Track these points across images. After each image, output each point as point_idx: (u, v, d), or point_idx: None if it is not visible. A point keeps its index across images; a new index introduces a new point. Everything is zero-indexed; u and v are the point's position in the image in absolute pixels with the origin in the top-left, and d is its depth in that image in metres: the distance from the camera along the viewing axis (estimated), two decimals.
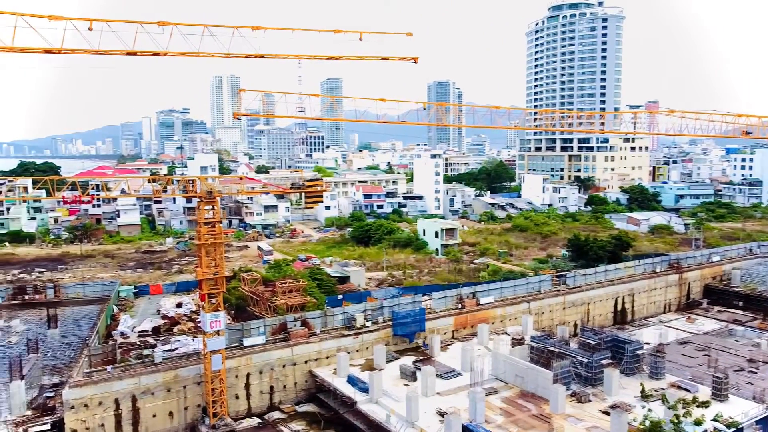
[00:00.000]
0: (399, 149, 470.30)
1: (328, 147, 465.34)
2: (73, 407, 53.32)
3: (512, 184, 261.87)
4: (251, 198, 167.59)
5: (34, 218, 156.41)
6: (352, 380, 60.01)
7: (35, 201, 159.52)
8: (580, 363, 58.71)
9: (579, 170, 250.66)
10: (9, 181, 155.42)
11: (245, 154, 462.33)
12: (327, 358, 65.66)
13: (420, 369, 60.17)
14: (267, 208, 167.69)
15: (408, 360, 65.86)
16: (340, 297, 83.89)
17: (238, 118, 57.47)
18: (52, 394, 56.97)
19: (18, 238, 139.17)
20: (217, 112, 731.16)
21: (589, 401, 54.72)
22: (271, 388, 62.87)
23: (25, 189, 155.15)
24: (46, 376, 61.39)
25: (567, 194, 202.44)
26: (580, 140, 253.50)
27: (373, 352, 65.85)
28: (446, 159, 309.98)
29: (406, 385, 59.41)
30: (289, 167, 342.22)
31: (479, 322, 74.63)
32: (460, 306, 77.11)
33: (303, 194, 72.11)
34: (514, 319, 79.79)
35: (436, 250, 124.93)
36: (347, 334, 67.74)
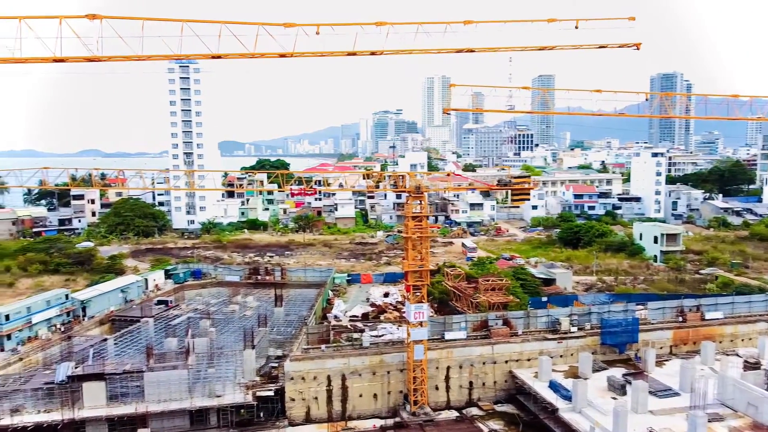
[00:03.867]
0: (615, 147, 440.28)
1: (537, 145, 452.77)
2: (292, 378, 59.09)
3: (751, 186, 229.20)
4: (457, 195, 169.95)
5: (267, 209, 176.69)
6: (554, 386, 57.61)
7: (269, 193, 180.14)
8: None
9: None
10: (249, 175, 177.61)
11: (453, 153, 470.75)
12: (528, 360, 63.87)
13: (630, 383, 55.58)
14: (472, 205, 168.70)
15: (617, 372, 61.27)
16: (544, 299, 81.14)
17: (447, 113, 58.51)
18: (276, 365, 63.70)
19: (254, 225, 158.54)
20: (428, 113, 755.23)
21: None
22: (470, 383, 63.02)
23: (261, 183, 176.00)
24: (271, 348, 68.84)
25: None
26: None
27: (578, 359, 62.46)
28: (670, 158, 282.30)
29: (614, 398, 55.33)
30: (496, 166, 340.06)
31: (703, 339, 66.56)
32: (680, 319, 69.62)
33: (509, 192, 71.12)
34: (748, 339, 69.77)
35: (655, 256, 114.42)
36: (551, 338, 65.21)
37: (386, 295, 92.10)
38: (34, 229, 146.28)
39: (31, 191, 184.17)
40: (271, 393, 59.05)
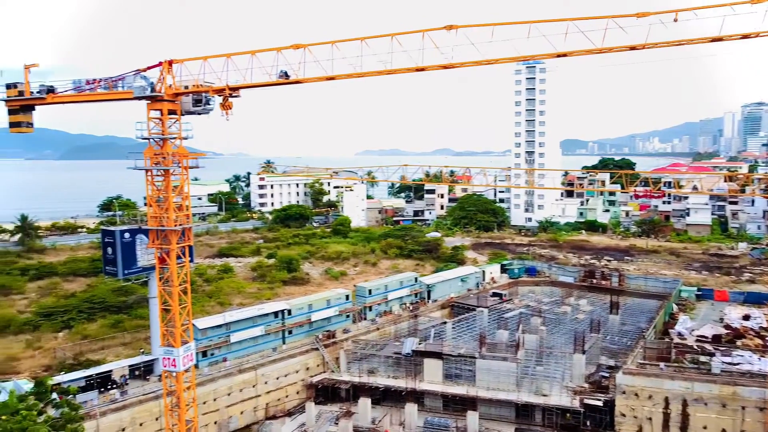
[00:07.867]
0: None
1: None
2: (624, 392, 55.47)
3: None
4: None
5: (607, 210, 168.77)
6: None
7: (610, 194, 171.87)
8: None
9: None
10: (590, 175, 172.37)
11: None
12: None
13: None
14: None
15: None
16: None
17: None
18: (607, 375, 60.68)
19: (593, 227, 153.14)
20: None
21: None
22: None
23: (603, 183, 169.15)
24: (603, 357, 65.83)
25: None
26: None
27: None
28: None
29: None
30: None
31: None
32: None
33: None
34: None
35: None
36: None
37: (746, 317, 79.08)
38: (394, 218, 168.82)
39: (393, 185, 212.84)
40: (600, 403, 56.56)
